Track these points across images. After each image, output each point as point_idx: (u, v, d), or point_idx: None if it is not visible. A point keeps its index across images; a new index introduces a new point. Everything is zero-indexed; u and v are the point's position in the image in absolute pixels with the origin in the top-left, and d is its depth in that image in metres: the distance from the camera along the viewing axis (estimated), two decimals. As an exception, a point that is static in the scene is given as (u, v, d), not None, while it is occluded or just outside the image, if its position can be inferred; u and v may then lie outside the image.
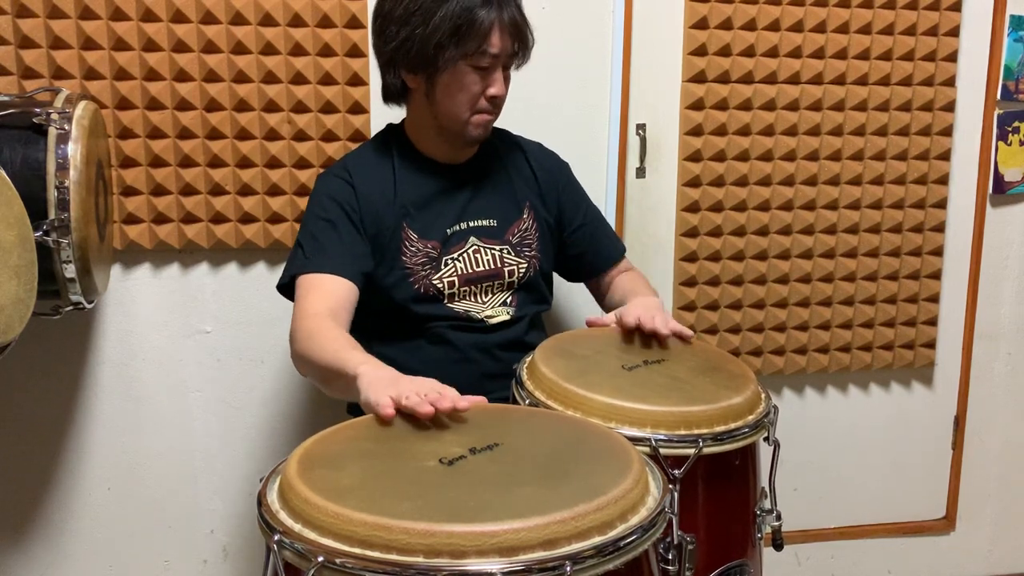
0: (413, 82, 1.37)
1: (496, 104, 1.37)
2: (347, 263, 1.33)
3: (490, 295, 1.44)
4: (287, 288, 1.37)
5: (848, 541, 2.10)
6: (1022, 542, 2.21)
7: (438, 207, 1.42)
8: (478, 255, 1.43)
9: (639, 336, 1.33)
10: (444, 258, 1.41)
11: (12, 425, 1.68)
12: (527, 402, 1.16)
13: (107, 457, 1.72)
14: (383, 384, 1.05)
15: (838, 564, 2.10)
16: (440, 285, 1.40)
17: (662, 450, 1.05)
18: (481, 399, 1.06)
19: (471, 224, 1.44)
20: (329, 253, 1.33)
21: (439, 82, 1.33)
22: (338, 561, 0.76)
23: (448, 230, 1.42)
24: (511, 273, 1.45)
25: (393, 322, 1.41)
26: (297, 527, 0.81)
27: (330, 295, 1.29)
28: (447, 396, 1.01)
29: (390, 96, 1.43)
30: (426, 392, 1.02)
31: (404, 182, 1.41)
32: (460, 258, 1.42)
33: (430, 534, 0.76)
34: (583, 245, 1.54)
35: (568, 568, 0.76)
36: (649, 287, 1.54)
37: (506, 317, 1.44)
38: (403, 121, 1.47)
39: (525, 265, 1.46)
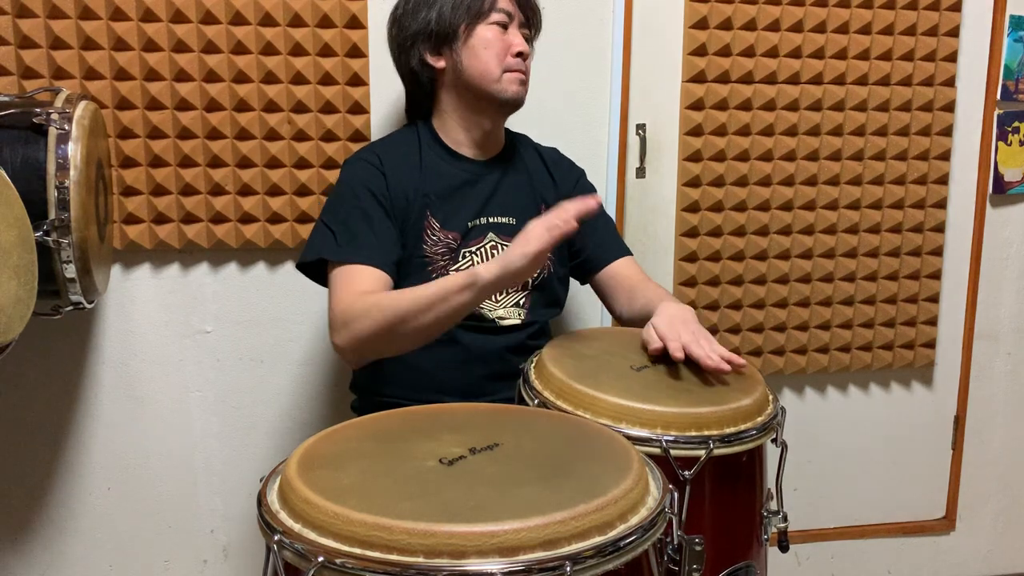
0: (439, 62, 1.42)
1: (524, 61, 1.41)
2: (383, 255, 1.34)
3: (504, 294, 1.45)
4: (308, 267, 1.39)
5: (848, 541, 2.10)
6: (1022, 542, 2.21)
7: (460, 199, 1.43)
8: (495, 251, 1.44)
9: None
10: (463, 250, 1.42)
11: (12, 425, 1.68)
12: (535, 401, 1.16)
13: (107, 457, 1.72)
14: (520, 249, 1.20)
15: (838, 564, 2.10)
16: None
17: (672, 451, 1.05)
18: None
19: (491, 220, 1.45)
20: (365, 244, 1.34)
21: (464, 47, 1.39)
22: (338, 561, 0.76)
23: (469, 223, 1.43)
24: None
25: None
26: (297, 527, 0.81)
27: (366, 285, 1.31)
28: (573, 208, 1.23)
29: (416, 97, 1.50)
30: (555, 221, 1.21)
31: (430, 171, 1.43)
32: (478, 252, 1.43)
33: (430, 534, 0.76)
34: (582, 241, 1.54)
35: (568, 568, 0.76)
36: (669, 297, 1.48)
37: (517, 321, 1.45)
38: (430, 115, 1.49)
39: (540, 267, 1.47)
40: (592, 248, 1.54)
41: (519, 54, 1.39)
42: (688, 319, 1.28)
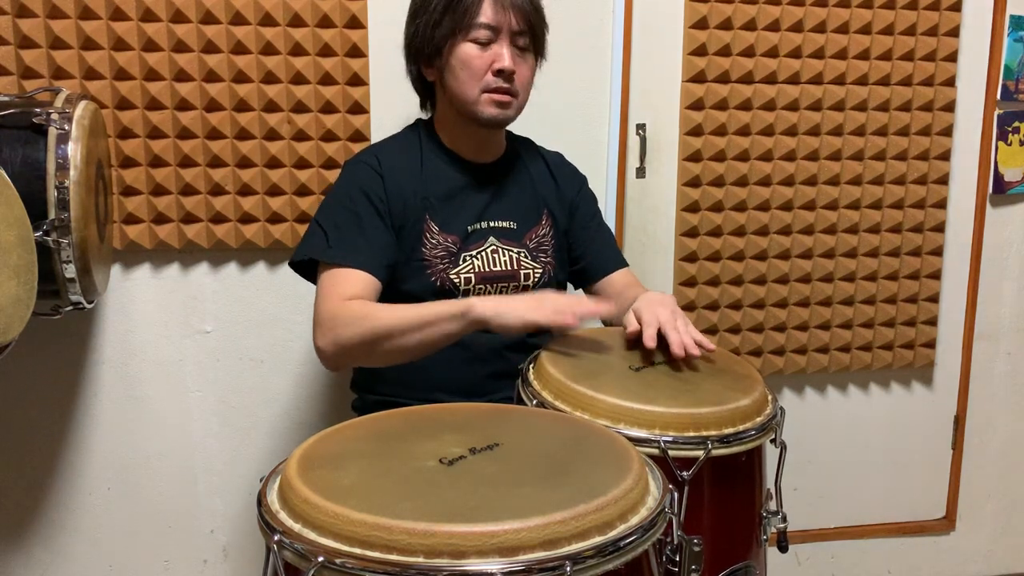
0: (430, 75, 1.41)
1: (505, 77, 1.34)
2: (372, 258, 1.34)
3: (505, 295, 1.44)
4: (299, 265, 1.38)
5: (848, 541, 2.10)
6: (1022, 542, 2.21)
7: (461, 203, 1.43)
8: (496, 255, 1.43)
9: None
10: (463, 254, 1.41)
11: (12, 425, 1.68)
12: (534, 402, 1.16)
13: (107, 457, 1.72)
14: (529, 305, 1.23)
15: (838, 564, 2.11)
16: (457, 280, 1.40)
17: (671, 452, 1.05)
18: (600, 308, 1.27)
19: (491, 224, 1.44)
20: (354, 247, 1.34)
21: (445, 65, 1.36)
22: (338, 561, 0.76)
23: (469, 227, 1.42)
24: (527, 277, 1.45)
25: None
26: (297, 527, 0.81)
27: (354, 288, 1.31)
28: (602, 303, 1.27)
29: (422, 100, 1.49)
30: (576, 303, 1.24)
31: (430, 174, 1.42)
32: (478, 256, 1.42)
33: (430, 534, 0.76)
34: (581, 249, 1.54)
35: (568, 568, 0.76)
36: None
37: None
38: (432, 117, 1.49)
39: (540, 270, 1.47)
40: (591, 258, 1.54)
41: (500, 72, 1.34)
42: (667, 302, 1.33)
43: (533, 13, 1.38)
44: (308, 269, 1.39)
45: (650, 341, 1.24)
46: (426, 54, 1.38)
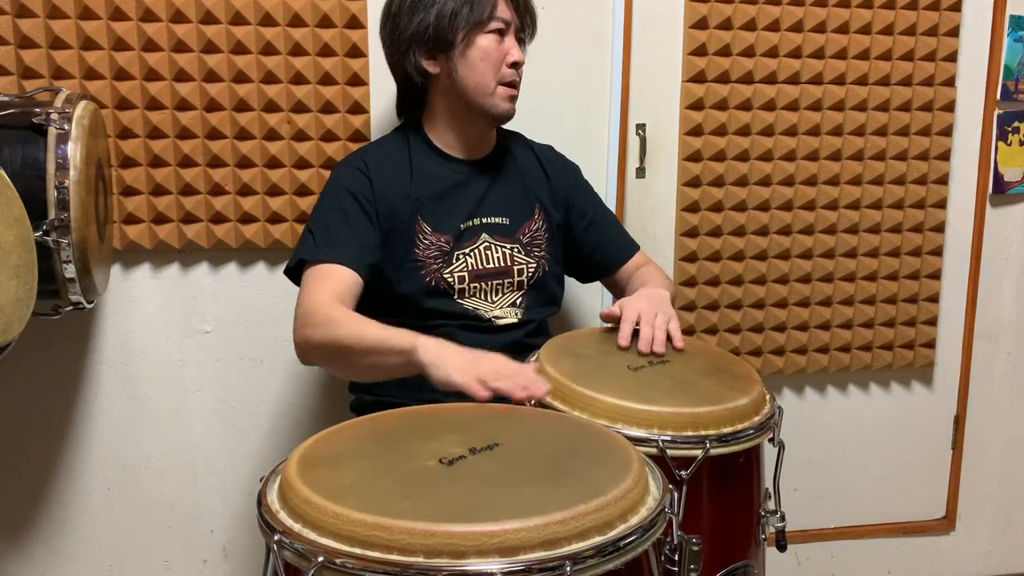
0: (434, 67, 1.40)
1: (518, 71, 1.40)
2: (355, 255, 1.33)
3: (500, 294, 1.45)
4: (294, 271, 1.38)
5: (848, 541, 2.10)
6: (1022, 542, 2.21)
7: (452, 201, 1.43)
8: (489, 252, 1.44)
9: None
10: (456, 252, 1.41)
11: (12, 425, 1.68)
12: (531, 401, 1.16)
13: (107, 457, 1.72)
14: (461, 363, 1.13)
15: (838, 564, 2.10)
16: (451, 279, 1.40)
17: (669, 451, 1.05)
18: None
19: (484, 221, 1.45)
20: (338, 244, 1.34)
21: (460, 57, 1.37)
22: (338, 561, 0.76)
23: (461, 225, 1.43)
24: (520, 272, 1.46)
25: (402, 319, 1.41)
26: (297, 527, 0.81)
27: (336, 284, 1.30)
28: (535, 385, 1.11)
29: (408, 97, 1.48)
30: (509, 374, 1.12)
31: (420, 175, 1.42)
32: (471, 253, 1.43)
33: (430, 534, 0.76)
34: (592, 244, 1.55)
35: (568, 568, 0.76)
36: (664, 279, 1.54)
37: (514, 320, 1.45)
38: (420, 117, 1.48)
39: (534, 265, 1.47)
40: (604, 250, 1.55)
41: (514, 64, 1.38)
42: (654, 298, 1.35)
43: (533, 16, 1.45)
44: (300, 276, 1.38)
45: (623, 340, 1.26)
46: (440, 44, 1.36)
